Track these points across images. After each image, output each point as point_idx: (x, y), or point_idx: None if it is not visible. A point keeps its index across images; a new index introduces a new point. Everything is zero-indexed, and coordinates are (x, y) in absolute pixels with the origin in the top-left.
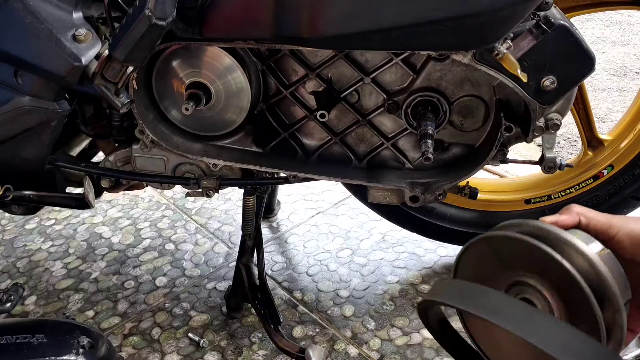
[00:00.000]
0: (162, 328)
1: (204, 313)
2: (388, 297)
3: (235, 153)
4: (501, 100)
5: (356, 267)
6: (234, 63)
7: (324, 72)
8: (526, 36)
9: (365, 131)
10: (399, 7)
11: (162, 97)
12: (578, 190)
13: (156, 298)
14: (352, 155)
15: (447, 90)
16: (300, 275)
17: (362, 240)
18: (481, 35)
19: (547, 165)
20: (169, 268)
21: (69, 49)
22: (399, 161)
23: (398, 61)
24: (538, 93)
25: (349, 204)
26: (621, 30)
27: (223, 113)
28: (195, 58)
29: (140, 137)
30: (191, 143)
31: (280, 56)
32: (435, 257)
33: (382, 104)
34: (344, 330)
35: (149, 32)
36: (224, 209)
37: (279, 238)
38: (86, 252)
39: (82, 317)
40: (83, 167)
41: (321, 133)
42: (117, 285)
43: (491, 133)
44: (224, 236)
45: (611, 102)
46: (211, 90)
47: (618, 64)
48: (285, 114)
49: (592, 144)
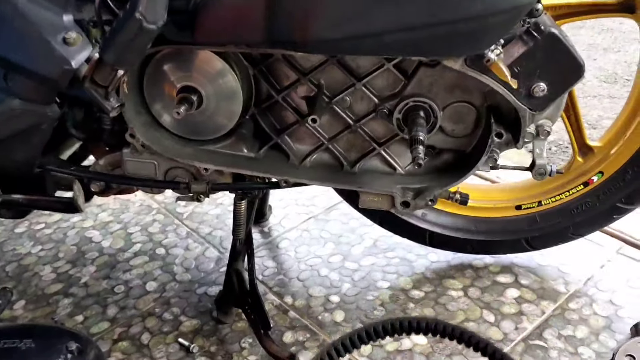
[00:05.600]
0: (151, 333)
1: (194, 318)
2: (379, 303)
3: (227, 157)
4: (492, 106)
5: (347, 273)
6: (226, 67)
7: (316, 77)
8: (516, 43)
9: (357, 136)
10: (390, 13)
11: (153, 101)
12: (568, 196)
13: (146, 303)
14: (343, 161)
15: (438, 96)
16: (292, 280)
17: (354, 246)
18: (472, 41)
19: (538, 171)
20: (160, 273)
21: (59, 52)
22: (390, 166)
23: (390, 66)
24: (528, 99)
25: (340, 209)
26: (613, 37)
27: (214, 117)
28: (187, 62)
29: (130, 141)
30: (182, 147)
31: (272, 61)
32: (427, 262)
33: (373, 109)
34: (335, 336)
35: (139, 36)
36: (215, 213)
37: (270, 243)
38: (76, 257)
39: (71, 322)
40: (72, 171)
41: (313, 138)
42: (107, 289)
43: (482, 139)
44: (215, 241)
45: (602, 108)
46: (202, 94)
47: (609, 71)
48: (277, 118)
49: (582, 150)
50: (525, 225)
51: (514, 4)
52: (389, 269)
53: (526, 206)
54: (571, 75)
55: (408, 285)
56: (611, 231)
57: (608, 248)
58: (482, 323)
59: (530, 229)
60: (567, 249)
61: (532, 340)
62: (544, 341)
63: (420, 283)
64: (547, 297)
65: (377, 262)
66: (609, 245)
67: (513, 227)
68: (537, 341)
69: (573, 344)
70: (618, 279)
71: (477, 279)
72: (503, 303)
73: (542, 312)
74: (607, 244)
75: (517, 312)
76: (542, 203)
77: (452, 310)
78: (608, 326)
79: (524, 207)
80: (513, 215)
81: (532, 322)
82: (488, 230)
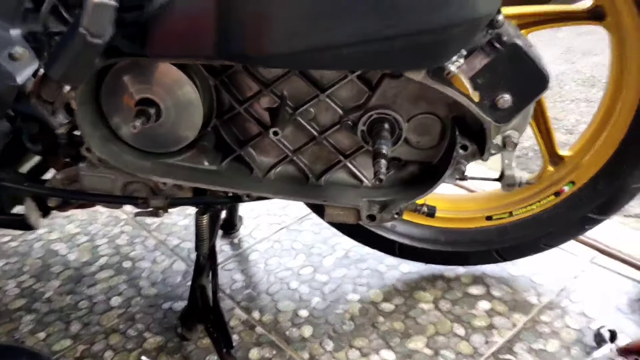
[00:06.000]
0: (115, 350)
1: (158, 335)
2: (348, 317)
3: (186, 171)
4: (457, 118)
5: (317, 285)
6: (185, 79)
7: (279, 88)
8: (478, 54)
9: (322, 148)
10: (347, 25)
11: (111, 114)
12: (539, 206)
13: (110, 319)
14: (309, 173)
15: (402, 108)
16: (260, 294)
17: (325, 257)
18: (431, 54)
19: (507, 182)
20: (125, 287)
21: (4, 67)
22: (356, 178)
23: (353, 78)
24: (492, 111)
25: (313, 219)
26: (591, 40)
27: (175, 130)
28: (144, 73)
29: (86, 155)
30: (140, 161)
31: (233, 71)
32: (398, 273)
33: (338, 121)
34: (302, 352)
35: (85, 51)
36: (184, 224)
37: (240, 255)
38: (41, 270)
39: (33, 340)
40: (26, 186)
41: (277, 150)
42: (70, 305)
43: (448, 151)
44: (183, 253)
45: (579, 113)
46: (161, 106)
47: (587, 75)
48: (239, 130)
49: (553, 159)
50: (496, 235)
51: (472, 15)
52: (360, 281)
53: (497, 217)
54: (536, 87)
55: (378, 298)
56: (585, 240)
57: (582, 257)
58: (452, 337)
59: (501, 240)
60: (541, 258)
61: (502, 355)
62: (514, 355)
63: (391, 295)
64: (519, 309)
65: (348, 273)
66: (582, 255)
67: (483, 237)
68: (507, 355)
69: (544, 358)
70: (591, 289)
71: (448, 291)
72: (474, 316)
73: (513, 325)
74: (581, 253)
75: (488, 325)
76: (513, 213)
77: (422, 324)
78: (580, 339)
79: (495, 217)
80: (483, 226)
81: (503, 335)
82: (458, 241)
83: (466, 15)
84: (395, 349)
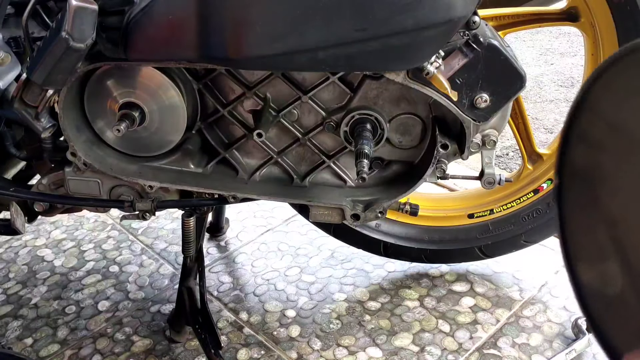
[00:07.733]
0: (102, 355)
1: (146, 338)
2: (335, 316)
3: (172, 174)
4: (437, 117)
5: (304, 286)
6: (168, 82)
7: (262, 90)
8: (456, 55)
9: (306, 149)
10: (322, 28)
11: (95, 118)
12: (519, 204)
13: (98, 323)
14: (293, 174)
15: (384, 109)
16: (248, 295)
17: (311, 258)
18: (407, 55)
19: (487, 180)
20: (113, 291)
21: None
22: (340, 179)
23: (335, 79)
24: (471, 110)
25: (299, 220)
26: (569, 41)
27: (159, 133)
28: (128, 77)
29: (72, 159)
30: (126, 164)
31: (216, 74)
32: (384, 272)
33: (321, 123)
34: (290, 352)
35: (67, 55)
36: (171, 228)
37: (227, 257)
38: (27, 277)
39: (20, 346)
40: (12, 191)
41: (262, 152)
42: (57, 310)
43: (429, 150)
44: (170, 257)
45: (559, 113)
46: (145, 110)
47: (566, 75)
48: (224, 132)
49: (531, 158)
50: (478, 233)
51: (447, 17)
52: (345, 281)
53: (478, 214)
54: (513, 86)
55: (364, 297)
56: None
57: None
58: (437, 333)
59: (483, 237)
60: (522, 255)
61: (487, 350)
62: (498, 350)
63: (377, 294)
64: (502, 304)
65: (334, 273)
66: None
67: (466, 235)
68: (491, 350)
69: (527, 352)
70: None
71: (433, 288)
72: (458, 312)
73: (496, 320)
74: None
75: (472, 321)
76: (494, 211)
77: (408, 322)
78: (562, 333)
79: (476, 215)
80: (466, 224)
81: (487, 330)
82: (441, 240)
83: (440, 17)
84: (381, 346)
